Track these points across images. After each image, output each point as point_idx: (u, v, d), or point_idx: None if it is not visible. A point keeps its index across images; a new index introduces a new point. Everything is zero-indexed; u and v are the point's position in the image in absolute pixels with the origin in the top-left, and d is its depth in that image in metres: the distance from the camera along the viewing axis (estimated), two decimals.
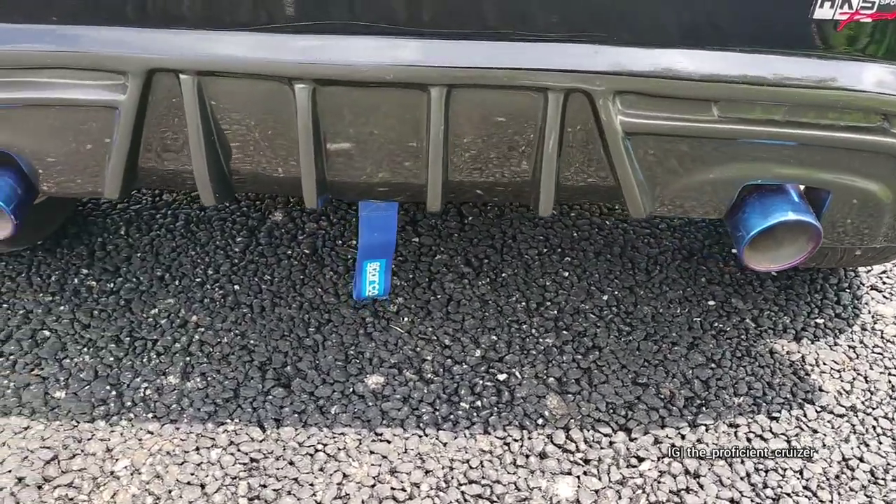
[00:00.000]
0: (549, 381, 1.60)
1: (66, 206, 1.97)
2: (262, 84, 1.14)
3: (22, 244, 1.86)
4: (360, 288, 1.66)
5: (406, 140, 1.19)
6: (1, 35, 1.13)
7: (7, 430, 1.47)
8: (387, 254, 1.60)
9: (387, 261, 1.62)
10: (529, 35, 1.09)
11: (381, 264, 1.63)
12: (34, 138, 1.22)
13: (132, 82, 1.12)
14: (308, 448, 1.45)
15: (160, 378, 1.59)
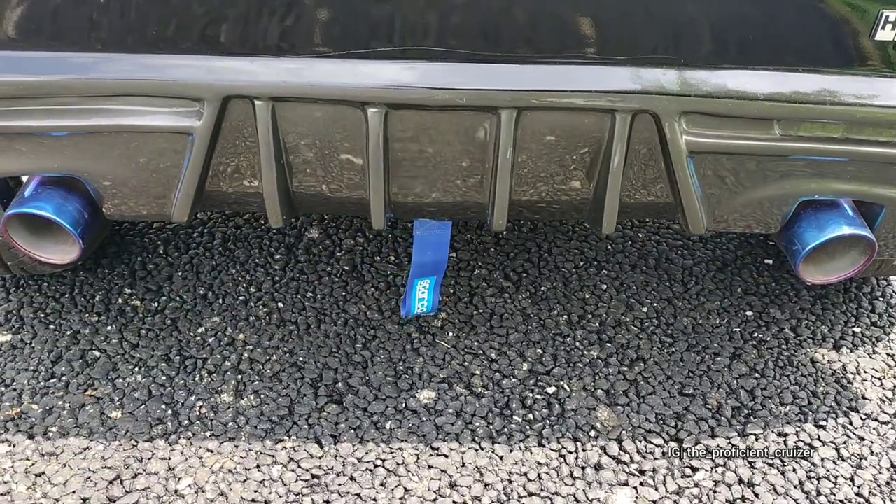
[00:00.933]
0: (598, 394, 1.63)
1: (105, 226, 1.98)
2: (334, 108, 1.16)
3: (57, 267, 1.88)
4: (410, 306, 1.69)
5: (473, 161, 1.21)
6: (78, 65, 1.15)
7: (67, 451, 1.49)
8: (438, 272, 1.62)
9: (437, 278, 1.65)
10: (597, 58, 1.12)
11: (431, 282, 1.65)
12: (105, 164, 1.24)
13: (208, 109, 1.15)
14: (367, 463, 1.47)
15: (214, 396, 1.61)
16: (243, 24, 1.12)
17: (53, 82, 1.16)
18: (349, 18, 1.11)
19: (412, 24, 1.11)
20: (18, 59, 1.16)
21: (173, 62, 1.14)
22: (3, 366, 1.67)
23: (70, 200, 1.29)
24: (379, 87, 1.13)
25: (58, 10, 1.13)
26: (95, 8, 1.12)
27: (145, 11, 1.12)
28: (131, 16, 1.12)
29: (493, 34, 1.12)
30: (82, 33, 1.14)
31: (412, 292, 1.66)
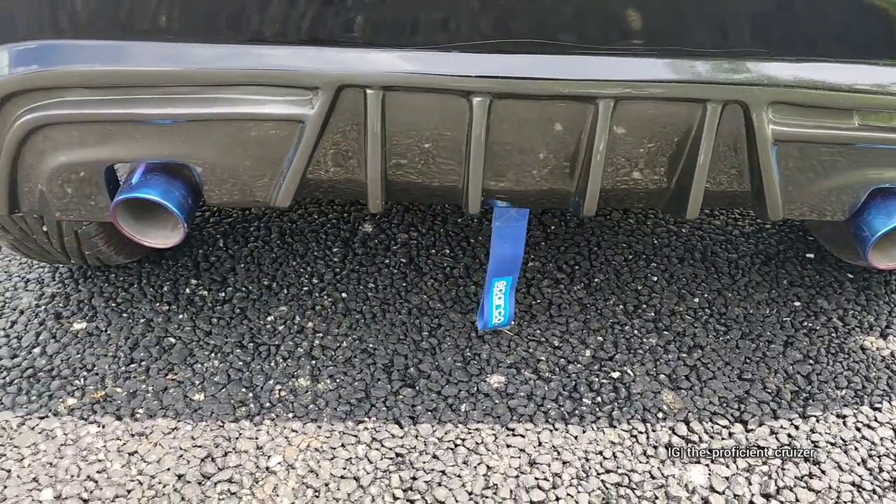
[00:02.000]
0: (661, 378, 1.69)
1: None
2: (440, 98, 1.22)
3: (133, 256, 1.93)
4: (488, 316, 1.71)
5: (567, 149, 1.28)
6: (195, 55, 1.21)
7: (156, 431, 1.54)
8: (513, 270, 1.66)
9: (513, 279, 1.69)
10: (691, 50, 1.19)
11: (507, 283, 1.69)
12: (214, 151, 1.29)
13: (322, 97, 1.20)
14: (448, 443, 1.53)
15: (291, 380, 1.66)
16: (356, 16, 1.18)
17: (171, 72, 1.21)
18: (457, 11, 1.17)
19: (516, 17, 1.17)
20: (137, 50, 1.21)
21: (289, 53, 1.19)
22: (83, 352, 1.72)
23: (175, 186, 1.35)
24: (485, 76, 1.19)
25: (175, 3, 1.19)
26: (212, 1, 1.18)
27: (262, 4, 1.17)
28: (250, 8, 1.18)
29: (592, 27, 1.18)
30: (200, 25, 1.19)
31: (489, 297, 1.69)
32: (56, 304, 1.86)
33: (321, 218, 2.21)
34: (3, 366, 1.68)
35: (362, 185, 1.37)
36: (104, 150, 1.29)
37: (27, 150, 1.29)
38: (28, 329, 1.78)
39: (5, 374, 1.66)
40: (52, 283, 1.92)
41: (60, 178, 1.33)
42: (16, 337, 1.76)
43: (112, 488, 1.41)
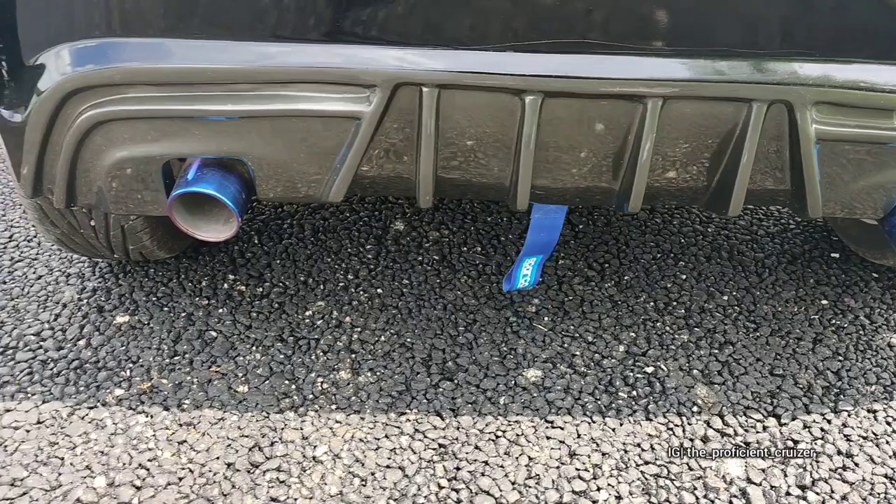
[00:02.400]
0: (694, 373, 1.72)
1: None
2: (493, 96, 1.26)
3: (173, 251, 1.96)
4: (514, 280, 1.78)
5: (616, 147, 1.31)
6: (255, 53, 1.25)
7: (203, 421, 1.57)
8: (545, 251, 1.72)
9: (543, 257, 1.75)
10: (738, 51, 1.23)
11: (537, 260, 1.75)
12: (270, 147, 1.33)
13: (379, 95, 1.24)
14: (489, 434, 1.56)
15: (332, 373, 1.70)
16: (414, 16, 1.21)
17: (232, 70, 1.25)
18: (511, 13, 1.21)
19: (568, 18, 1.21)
20: (198, 47, 1.25)
21: (348, 51, 1.23)
22: (127, 344, 1.75)
23: (229, 181, 1.38)
24: (537, 75, 1.23)
25: (237, 2, 1.22)
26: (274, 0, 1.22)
27: (322, 4, 1.21)
28: (310, 7, 1.21)
29: (642, 28, 1.22)
30: (261, 24, 1.23)
31: (519, 269, 1.75)
32: (98, 297, 1.90)
33: (353, 216, 2.24)
34: (50, 357, 1.71)
35: (411, 181, 1.41)
36: (163, 146, 1.33)
37: (87, 146, 1.33)
38: (72, 322, 1.82)
39: (52, 365, 1.69)
40: (92, 278, 1.96)
41: (118, 172, 1.37)
42: (60, 330, 1.79)
43: (164, 476, 1.45)
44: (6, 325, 1.80)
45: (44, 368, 1.68)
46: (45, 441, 1.51)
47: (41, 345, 1.75)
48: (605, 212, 2.30)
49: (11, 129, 1.35)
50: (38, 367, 1.68)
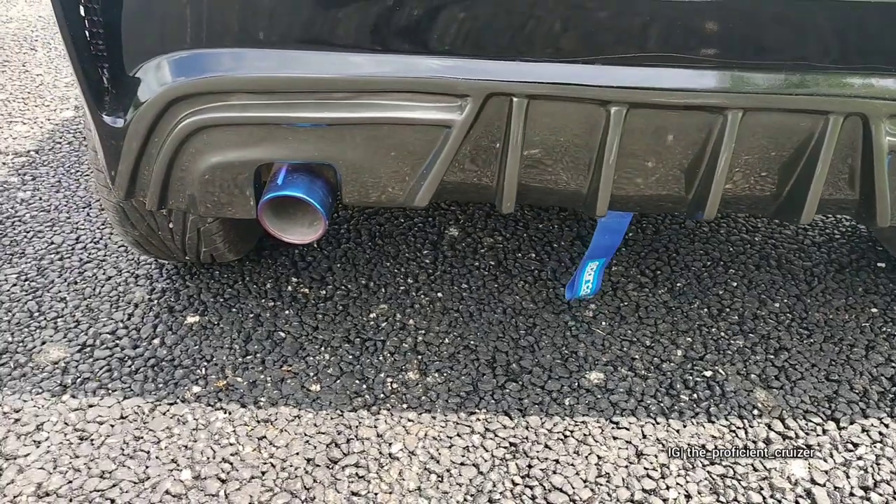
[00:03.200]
0: (752, 377, 1.77)
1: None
2: (579, 107, 1.31)
3: (239, 254, 2.01)
4: (577, 287, 1.83)
5: (694, 157, 1.36)
6: (352, 63, 1.30)
7: (280, 418, 1.62)
8: (608, 254, 1.77)
9: (605, 260, 1.80)
10: (817, 65, 1.28)
11: (599, 264, 1.80)
12: (360, 153, 1.38)
13: (470, 104, 1.29)
14: (557, 434, 1.61)
15: (401, 374, 1.75)
16: (504, 30, 1.27)
17: (330, 79, 1.30)
18: (597, 27, 1.26)
19: (652, 32, 1.26)
20: (297, 58, 1.31)
21: (443, 62, 1.28)
22: (200, 343, 1.81)
23: (316, 185, 1.44)
24: (623, 87, 1.28)
25: (334, 15, 1.28)
26: (371, 12, 1.27)
27: (418, 17, 1.27)
28: (407, 20, 1.27)
29: (723, 42, 1.27)
30: (358, 35, 1.29)
31: (581, 274, 1.80)
32: (168, 298, 1.95)
33: (407, 222, 2.30)
34: (127, 355, 1.77)
35: (490, 187, 1.46)
36: (258, 151, 1.39)
37: (185, 151, 1.39)
38: (145, 321, 1.87)
39: (130, 363, 1.75)
40: (160, 279, 2.02)
41: (212, 176, 1.43)
42: (134, 328, 1.85)
43: (247, 470, 1.50)
44: (82, 324, 1.86)
45: (122, 366, 1.74)
46: (129, 435, 1.57)
47: (117, 343, 1.80)
48: (653, 220, 2.35)
49: (111, 135, 1.41)
50: (117, 365, 1.74)
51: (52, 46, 3.53)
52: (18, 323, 1.85)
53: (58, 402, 1.64)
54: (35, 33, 3.67)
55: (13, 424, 1.58)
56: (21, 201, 2.34)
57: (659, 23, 1.26)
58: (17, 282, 1.99)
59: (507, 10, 1.25)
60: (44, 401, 1.64)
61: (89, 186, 2.42)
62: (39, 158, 2.57)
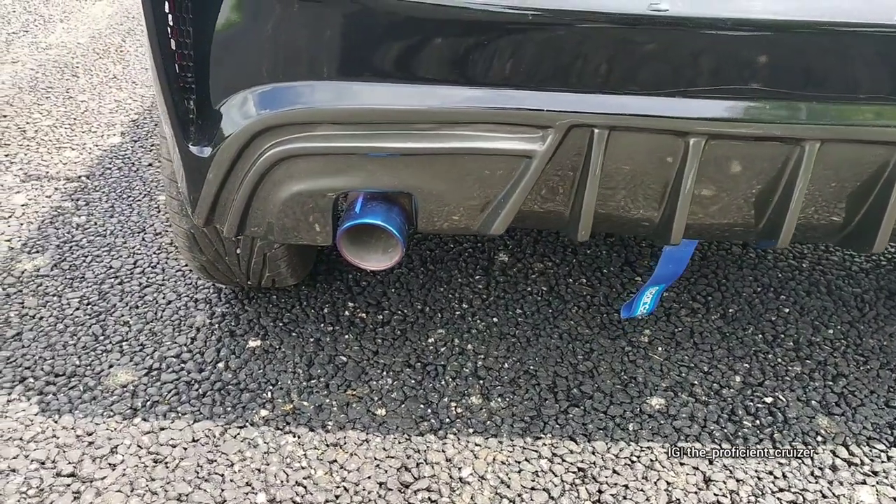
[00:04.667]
0: (812, 404, 1.78)
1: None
2: (657, 138, 1.34)
3: (298, 279, 2.04)
4: (634, 308, 1.85)
5: (769, 186, 1.39)
6: (438, 95, 1.34)
7: (349, 442, 1.64)
8: (668, 280, 1.80)
9: (664, 286, 1.82)
10: (891, 97, 1.31)
11: (658, 289, 1.82)
12: (440, 182, 1.41)
13: (552, 135, 1.33)
14: (624, 459, 1.62)
15: (464, 398, 1.76)
16: (587, 63, 1.30)
17: (415, 111, 1.34)
18: (677, 62, 1.30)
19: (731, 66, 1.29)
20: (382, 90, 1.34)
21: (527, 95, 1.32)
22: (264, 367, 1.83)
23: (393, 212, 1.47)
24: (704, 118, 1.31)
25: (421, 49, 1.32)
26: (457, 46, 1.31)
27: (504, 51, 1.30)
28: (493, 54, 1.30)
29: (802, 76, 1.30)
30: (442, 68, 1.32)
31: (640, 297, 1.83)
32: (228, 322, 1.98)
33: (457, 247, 2.33)
34: (193, 379, 1.79)
35: (562, 215, 1.49)
36: (340, 180, 1.42)
37: (268, 180, 1.42)
38: (207, 345, 1.90)
39: (197, 386, 1.77)
40: (219, 304, 2.05)
41: (293, 204, 1.46)
42: (198, 352, 1.88)
43: (322, 493, 1.52)
44: (147, 348, 1.89)
45: (189, 389, 1.76)
46: (203, 458, 1.59)
47: (183, 367, 1.83)
48: (700, 246, 2.38)
49: (195, 164, 1.45)
50: (184, 388, 1.76)
51: (94, 73, 3.59)
52: (84, 346, 1.88)
53: (129, 425, 1.66)
54: (76, 60, 3.74)
55: (87, 447, 1.61)
56: (77, 226, 2.37)
57: (738, 57, 1.29)
58: (80, 305, 2.02)
59: (589, 45, 1.28)
60: (115, 424, 1.66)
61: (142, 212, 2.46)
62: (91, 184, 2.61)
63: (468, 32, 1.29)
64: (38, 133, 2.98)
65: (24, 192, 2.57)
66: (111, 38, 4.06)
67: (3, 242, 2.29)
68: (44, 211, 2.46)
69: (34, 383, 1.77)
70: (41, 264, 2.19)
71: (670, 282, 1.82)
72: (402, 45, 1.32)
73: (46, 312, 2.00)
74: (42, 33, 4.16)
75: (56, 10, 4.52)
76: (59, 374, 1.79)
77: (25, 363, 1.83)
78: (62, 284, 2.11)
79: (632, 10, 1.24)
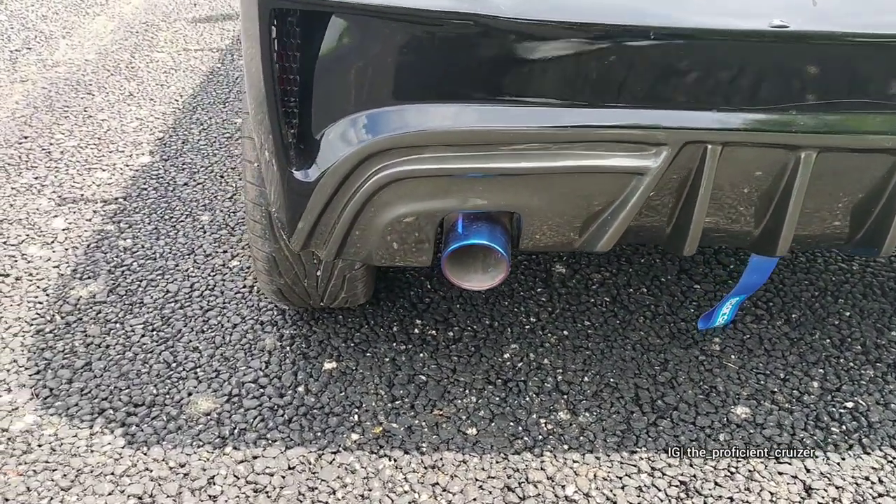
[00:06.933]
0: (892, 407, 1.80)
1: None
2: (768, 152, 1.36)
3: (366, 299, 2.01)
4: (714, 318, 1.86)
5: (874, 195, 1.41)
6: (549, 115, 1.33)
7: (447, 464, 1.63)
8: (751, 290, 1.81)
9: (743, 297, 1.83)
10: None
11: (738, 300, 1.83)
12: (549, 200, 1.41)
13: (666, 152, 1.33)
14: (723, 471, 1.63)
15: (552, 414, 1.76)
16: (701, 81, 1.31)
17: (530, 131, 1.33)
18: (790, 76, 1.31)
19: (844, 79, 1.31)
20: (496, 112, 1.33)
21: (642, 113, 1.32)
22: (345, 389, 1.81)
23: (496, 231, 1.46)
24: (815, 132, 1.32)
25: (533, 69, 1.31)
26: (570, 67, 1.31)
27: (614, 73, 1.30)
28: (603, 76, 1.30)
29: None
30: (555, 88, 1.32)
31: (720, 307, 1.84)
32: (299, 345, 1.95)
33: (512, 259, 2.32)
34: (276, 404, 1.77)
35: (662, 230, 1.50)
36: (448, 201, 1.41)
37: (373, 203, 1.41)
38: (283, 369, 1.87)
39: (281, 411, 1.75)
40: (286, 326, 2.02)
41: (396, 227, 1.45)
42: (275, 377, 1.85)
43: None
44: (222, 374, 1.85)
45: (274, 415, 1.74)
46: (303, 486, 1.57)
47: (263, 392, 1.80)
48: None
49: (297, 189, 1.43)
50: (269, 414, 1.74)
51: (109, 91, 3.53)
52: (158, 374, 1.85)
53: (221, 455, 1.63)
54: (87, 77, 3.67)
55: (184, 479, 1.57)
56: (124, 250, 2.33)
57: (849, 71, 1.30)
58: (145, 332, 1.99)
59: (708, 62, 1.29)
60: (207, 454, 1.63)
61: (188, 233, 2.42)
62: (129, 206, 2.57)
63: (589, 52, 1.28)
64: (64, 154, 2.92)
65: (62, 215, 2.52)
66: (119, 54, 3.99)
67: (51, 269, 2.24)
68: (87, 235, 2.41)
69: (114, 414, 1.73)
70: (96, 290, 2.15)
71: (751, 292, 1.83)
72: (519, 67, 1.31)
73: (112, 340, 1.96)
74: (46, 50, 4.08)
75: (55, 26, 4.44)
76: (138, 404, 1.76)
77: (101, 394, 1.79)
78: (122, 311, 2.07)
79: (753, 27, 1.25)
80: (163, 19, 4.48)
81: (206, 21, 4.50)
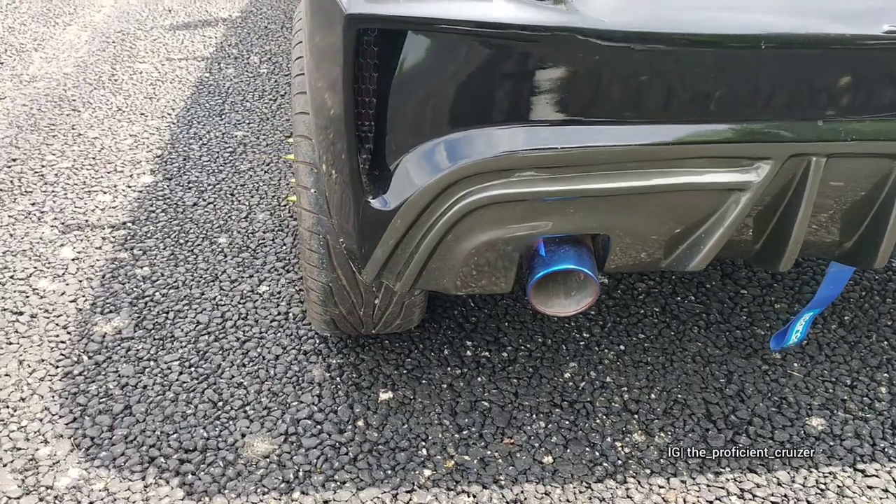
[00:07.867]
0: None
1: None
2: (870, 161, 1.30)
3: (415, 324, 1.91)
4: (788, 337, 1.81)
5: None
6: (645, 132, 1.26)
7: (530, 497, 1.55)
8: (822, 305, 1.76)
9: (817, 311, 1.78)
10: None
11: (811, 315, 1.78)
12: (639, 220, 1.34)
13: (770, 166, 1.27)
14: (812, 488, 1.58)
15: (626, 436, 1.69)
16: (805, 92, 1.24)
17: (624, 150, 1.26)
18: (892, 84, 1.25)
19: None
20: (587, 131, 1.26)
21: (746, 127, 1.25)
22: (407, 421, 1.72)
23: (583, 255, 1.39)
24: None
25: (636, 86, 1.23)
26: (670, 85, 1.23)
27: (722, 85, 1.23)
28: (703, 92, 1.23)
29: None
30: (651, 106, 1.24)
31: (795, 324, 1.78)
32: (349, 374, 1.85)
33: None
34: (338, 441, 1.67)
35: (751, 245, 1.44)
36: (535, 225, 1.33)
37: (456, 230, 1.32)
38: (337, 402, 1.77)
39: (344, 449, 1.65)
40: (332, 355, 1.92)
41: (480, 254, 1.36)
42: (331, 411, 1.75)
43: None
44: (273, 411, 1.75)
45: (338, 454, 1.64)
46: None
47: (320, 428, 1.70)
48: None
49: (373, 218, 1.34)
50: (332, 453, 1.64)
51: (95, 106, 3.36)
52: (206, 415, 1.73)
53: (290, 501, 1.53)
54: (69, 92, 3.49)
55: None
56: (143, 279, 2.20)
57: None
58: (183, 369, 1.87)
59: (816, 70, 1.23)
60: (274, 501, 1.53)
61: (207, 258, 2.30)
62: (140, 230, 2.43)
63: (694, 64, 1.21)
64: (59, 177, 2.76)
65: (69, 244, 2.37)
66: (99, 66, 3.81)
67: (68, 304, 2.10)
68: (100, 265, 2.27)
69: (167, 463, 1.61)
70: (121, 325, 2.02)
71: (823, 306, 1.77)
72: (616, 84, 1.23)
73: (148, 380, 1.83)
74: (20, 64, 3.88)
75: (25, 38, 4.23)
76: (189, 450, 1.64)
77: (148, 440, 1.67)
78: (153, 347, 1.94)
79: (867, 32, 1.19)
80: (138, 28, 4.30)
81: (184, 28, 4.33)
